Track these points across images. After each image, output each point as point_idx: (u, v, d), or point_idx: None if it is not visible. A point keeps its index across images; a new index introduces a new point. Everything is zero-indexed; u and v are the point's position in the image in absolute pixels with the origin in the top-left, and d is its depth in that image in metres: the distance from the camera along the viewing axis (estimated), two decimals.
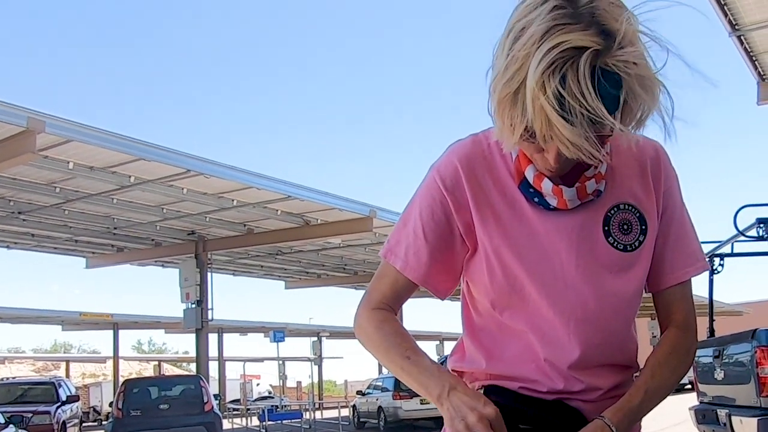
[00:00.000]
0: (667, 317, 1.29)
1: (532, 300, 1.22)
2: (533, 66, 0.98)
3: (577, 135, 1.00)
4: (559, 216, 1.20)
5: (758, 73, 8.49)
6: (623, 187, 1.24)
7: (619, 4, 1.01)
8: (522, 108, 1.01)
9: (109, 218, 15.08)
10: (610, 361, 1.25)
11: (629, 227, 1.23)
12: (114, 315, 27.83)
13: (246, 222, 15.78)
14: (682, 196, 1.29)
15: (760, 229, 6.79)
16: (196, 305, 16.80)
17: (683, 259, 1.27)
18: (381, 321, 1.27)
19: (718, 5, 6.94)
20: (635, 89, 1.01)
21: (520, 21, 1.01)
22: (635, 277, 1.24)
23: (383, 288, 1.30)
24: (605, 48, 0.98)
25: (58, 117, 10.02)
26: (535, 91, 0.98)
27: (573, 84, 0.97)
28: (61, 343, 61.43)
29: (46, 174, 12.01)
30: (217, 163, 12.39)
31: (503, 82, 1.02)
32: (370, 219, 14.54)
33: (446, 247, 1.25)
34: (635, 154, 1.25)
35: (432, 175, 1.25)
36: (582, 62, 0.97)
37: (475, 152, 1.24)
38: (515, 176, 1.21)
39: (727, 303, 29.79)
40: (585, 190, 1.18)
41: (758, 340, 5.66)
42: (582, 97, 0.97)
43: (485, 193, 1.23)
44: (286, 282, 24.82)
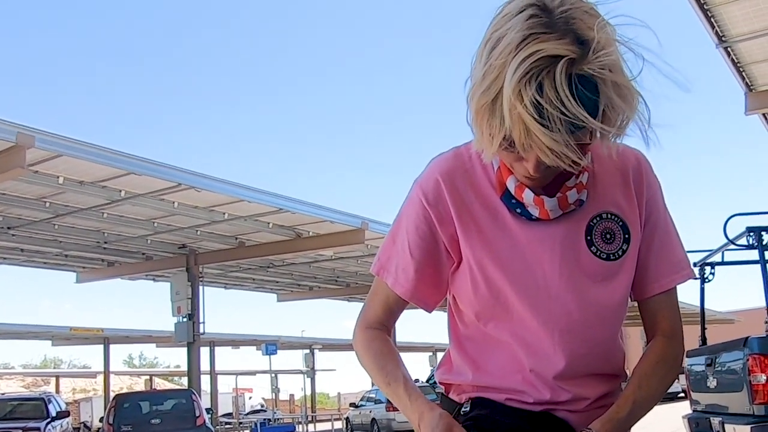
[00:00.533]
0: (653, 326, 1.29)
1: (516, 311, 1.22)
2: (509, 75, 0.99)
3: (556, 142, 1.00)
4: (542, 226, 1.21)
5: (746, 83, 8.59)
6: (605, 196, 1.24)
7: (594, 13, 1.02)
8: (500, 117, 1.02)
9: (100, 232, 15.01)
10: (596, 370, 1.25)
11: (612, 236, 1.23)
12: (105, 329, 27.65)
13: (237, 235, 15.74)
14: (665, 204, 1.30)
15: (750, 238, 6.82)
16: (188, 319, 16.70)
17: (668, 268, 1.27)
18: (370, 341, 1.31)
19: (705, 17, 7.02)
20: (612, 97, 1.01)
21: (497, 31, 1.02)
22: (619, 286, 1.24)
23: (376, 306, 1.33)
24: (580, 56, 0.98)
25: (48, 132, 9.98)
26: (512, 100, 0.99)
27: (550, 91, 0.98)
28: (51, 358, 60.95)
29: (35, 189, 11.95)
30: (208, 176, 12.37)
31: (480, 92, 1.03)
32: (362, 231, 14.53)
33: (432, 261, 1.26)
34: (617, 164, 1.26)
35: (415, 190, 1.27)
36: (558, 70, 0.97)
37: (456, 166, 1.25)
38: (497, 188, 1.22)
39: (719, 311, 29.89)
40: (566, 200, 1.19)
41: (750, 347, 5.67)
42: (560, 103, 0.98)
43: (467, 205, 1.23)
44: (278, 295, 24.73)
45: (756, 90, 8.72)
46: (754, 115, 9.26)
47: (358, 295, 24.33)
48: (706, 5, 6.92)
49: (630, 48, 1.04)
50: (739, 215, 7.12)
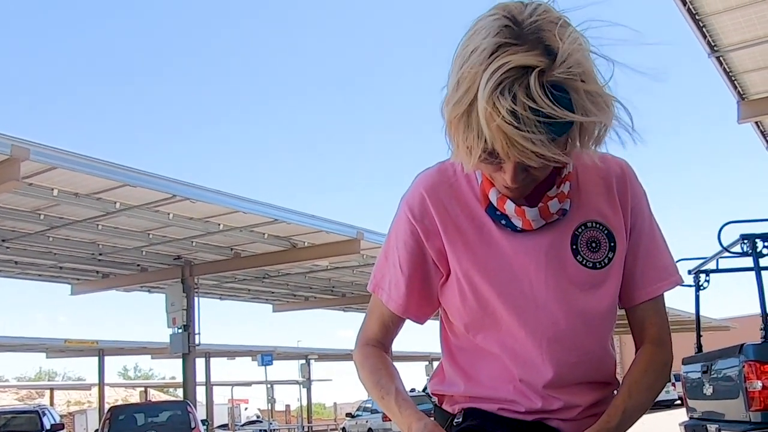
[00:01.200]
0: (641, 333, 1.30)
1: (504, 321, 1.23)
2: (482, 87, 1.00)
3: (539, 145, 1.01)
4: (527, 237, 1.22)
5: (738, 92, 8.65)
6: (590, 205, 1.25)
7: (563, 23, 1.03)
8: (477, 129, 1.02)
9: (94, 244, 14.97)
10: (586, 378, 1.26)
11: (597, 245, 1.24)
12: (99, 341, 27.52)
13: (233, 246, 15.71)
14: (651, 211, 1.31)
15: (745, 245, 6.83)
16: (183, 330, 16.64)
17: (655, 275, 1.28)
18: (365, 358, 1.34)
19: (696, 27, 7.08)
20: (586, 106, 1.02)
21: (468, 44, 1.04)
22: (606, 294, 1.25)
23: (372, 324, 1.36)
24: (548, 66, 0.99)
25: (43, 144, 9.97)
26: (488, 111, 1.00)
27: (526, 100, 0.98)
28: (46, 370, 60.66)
29: (30, 201, 11.93)
30: (203, 187, 12.36)
31: (453, 103, 1.04)
32: (358, 241, 14.52)
33: (422, 275, 1.29)
34: (601, 173, 1.27)
35: (402, 207, 1.29)
36: (531, 80, 0.99)
37: (440, 180, 1.27)
38: (482, 200, 1.23)
39: (714, 318, 29.97)
40: (548, 210, 1.19)
41: (746, 354, 5.68)
42: (537, 108, 0.99)
43: (453, 219, 1.25)
44: (273, 305, 24.67)
45: (748, 99, 8.78)
46: (746, 124, 9.32)
47: (353, 305, 24.30)
48: (697, 15, 6.98)
49: (599, 54, 1.05)
50: (733, 223, 7.13)
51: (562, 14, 1.04)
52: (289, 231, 14.43)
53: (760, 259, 6.51)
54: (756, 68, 8.16)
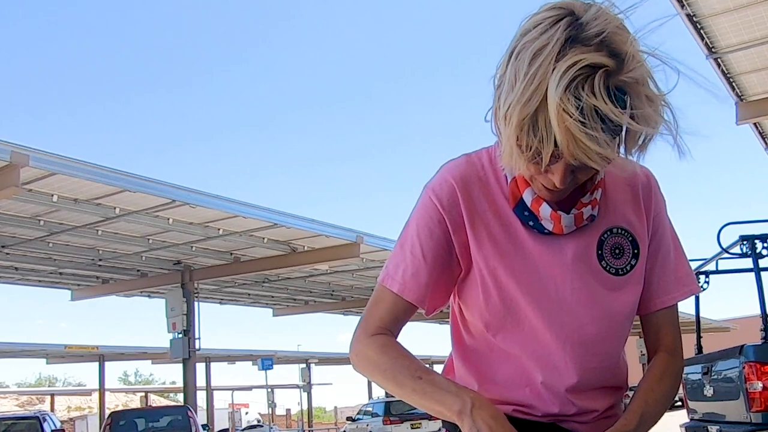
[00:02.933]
0: (655, 341, 1.30)
1: (528, 322, 1.21)
2: (553, 85, 0.99)
3: (604, 146, 1.00)
4: (554, 240, 1.21)
5: (736, 93, 8.66)
6: (617, 212, 1.25)
7: (625, 27, 1.03)
8: (545, 128, 1.01)
9: (94, 250, 14.97)
10: (605, 383, 1.26)
11: (621, 251, 1.24)
12: (100, 347, 27.52)
13: (232, 251, 15.71)
14: (670, 221, 1.32)
15: (744, 246, 6.84)
16: (183, 335, 16.63)
17: (673, 283, 1.28)
18: (383, 345, 1.23)
19: (694, 29, 7.10)
20: (645, 111, 1.02)
21: (533, 41, 1.02)
22: (628, 300, 1.25)
23: (380, 313, 1.25)
24: (615, 68, 1.00)
25: (42, 150, 9.98)
26: (560, 111, 0.99)
27: (591, 99, 0.98)
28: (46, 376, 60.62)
29: (30, 207, 11.93)
30: (203, 192, 12.37)
31: (521, 105, 1.01)
32: (357, 245, 14.52)
33: (444, 266, 1.24)
34: (628, 180, 1.27)
35: (427, 194, 1.24)
36: (597, 79, 0.98)
37: (470, 172, 1.24)
38: (510, 199, 1.21)
39: (714, 319, 29.98)
40: (582, 217, 1.19)
41: (746, 355, 5.68)
42: (601, 111, 0.98)
43: (480, 213, 1.22)
44: (273, 309, 24.66)
45: (746, 100, 8.79)
46: (745, 125, 9.34)
47: (354, 309, 24.28)
48: (695, 17, 7.00)
49: (664, 61, 1.05)
50: (733, 224, 7.14)
51: (621, 19, 1.05)
52: (288, 235, 14.43)
53: (759, 260, 6.52)
54: (754, 69, 8.18)
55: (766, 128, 10.02)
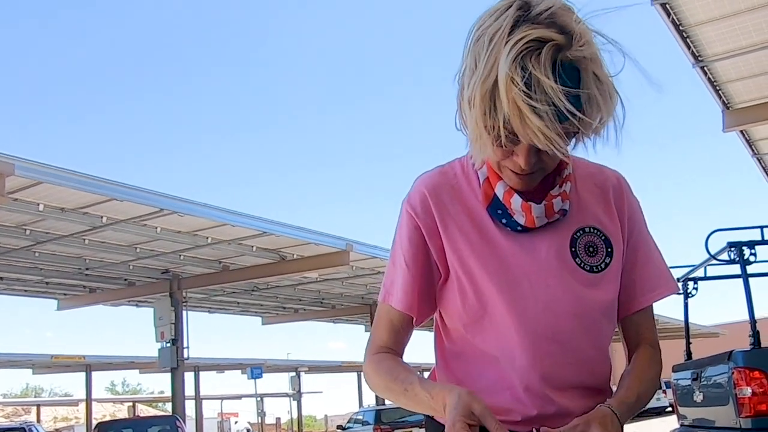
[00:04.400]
0: (637, 337, 1.33)
1: (503, 320, 1.23)
2: (503, 58, 1.05)
3: (546, 125, 1.05)
4: (527, 238, 1.24)
5: (722, 101, 8.74)
6: (587, 211, 1.29)
7: (572, 8, 1.10)
8: (498, 104, 1.06)
9: (81, 259, 14.87)
10: (582, 383, 1.26)
11: (595, 249, 1.26)
12: (87, 356, 27.31)
13: (221, 259, 15.66)
14: (645, 222, 1.34)
15: (732, 253, 6.88)
16: (172, 344, 16.54)
17: (653, 282, 1.31)
18: (378, 362, 1.29)
19: (680, 38, 7.16)
20: (592, 89, 1.07)
21: (489, 27, 1.09)
22: (604, 297, 1.26)
23: (380, 332, 1.32)
24: (564, 43, 1.05)
25: (28, 159, 9.91)
26: (507, 82, 1.04)
27: (536, 71, 1.04)
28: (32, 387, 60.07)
29: (15, 217, 11.84)
30: (191, 201, 12.32)
31: (480, 81, 1.07)
32: (347, 253, 14.50)
33: (425, 271, 1.28)
34: (598, 183, 1.31)
35: (404, 207, 1.30)
36: (544, 52, 1.04)
37: (441, 181, 1.29)
38: (484, 199, 1.25)
39: (704, 325, 30.15)
40: (552, 208, 1.23)
41: (735, 361, 5.72)
42: (546, 86, 1.03)
43: (453, 217, 1.26)
44: (262, 318, 24.59)
45: (733, 108, 8.88)
46: (732, 133, 9.42)
47: (343, 317, 24.26)
48: (681, 26, 7.06)
49: (609, 40, 1.11)
50: (720, 231, 7.19)
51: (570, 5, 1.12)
52: (277, 243, 14.39)
53: (747, 266, 6.56)
54: (740, 78, 8.26)
55: (752, 135, 10.11)
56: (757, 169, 11.25)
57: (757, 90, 8.53)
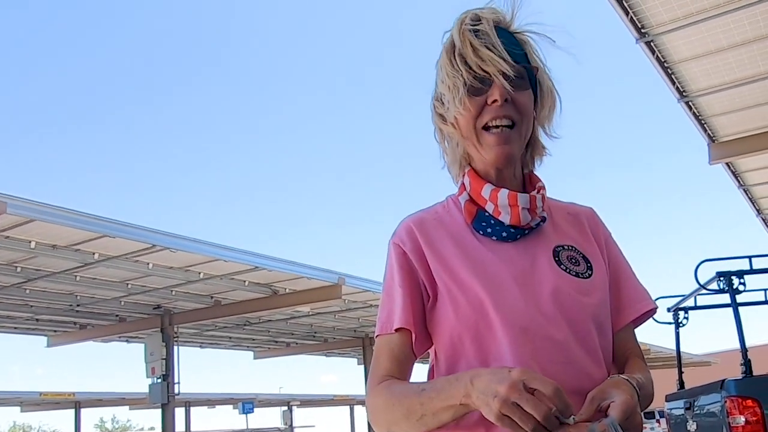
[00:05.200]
0: (625, 352, 1.36)
1: (495, 322, 1.24)
2: (456, 25, 1.30)
3: (497, 55, 1.25)
4: (511, 248, 1.31)
5: (708, 134, 8.89)
6: (564, 233, 1.37)
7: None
8: (458, 57, 1.28)
9: (72, 295, 14.78)
10: (580, 388, 1.22)
11: (577, 261, 1.33)
12: (76, 393, 26.93)
13: (213, 294, 15.59)
14: (620, 249, 1.43)
15: (721, 282, 6.96)
16: (162, 379, 16.38)
17: (635, 299, 1.38)
18: (387, 385, 1.26)
19: (665, 74, 7.32)
20: (539, 65, 1.31)
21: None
22: (590, 302, 1.29)
23: (382, 362, 1.30)
24: (507, 21, 1.32)
25: (20, 197, 9.91)
26: (460, 27, 1.29)
27: (483, 20, 1.29)
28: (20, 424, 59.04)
29: (6, 254, 11.79)
30: (183, 237, 12.30)
31: (443, 51, 1.31)
32: (339, 286, 14.48)
33: (418, 292, 1.31)
34: (571, 212, 1.42)
35: (391, 243, 1.37)
36: (487, 17, 1.29)
37: (424, 215, 1.39)
38: (467, 217, 1.33)
39: (695, 354, 30.12)
40: (535, 202, 1.31)
41: (727, 390, 5.76)
42: (491, 33, 1.27)
43: (439, 240, 1.33)
44: (254, 352, 24.39)
45: (718, 141, 9.02)
46: (718, 165, 9.56)
47: (336, 350, 24.10)
48: (666, 63, 7.21)
49: (539, 33, 1.33)
50: (709, 261, 7.28)
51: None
52: (270, 278, 14.36)
53: (736, 295, 6.63)
54: (724, 112, 8.40)
55: (738, 167, 10.25)
56: (744, 200, 11.39)
57: (741, 123, 8.68)
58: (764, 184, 10.87)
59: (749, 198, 11.39)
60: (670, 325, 8.84)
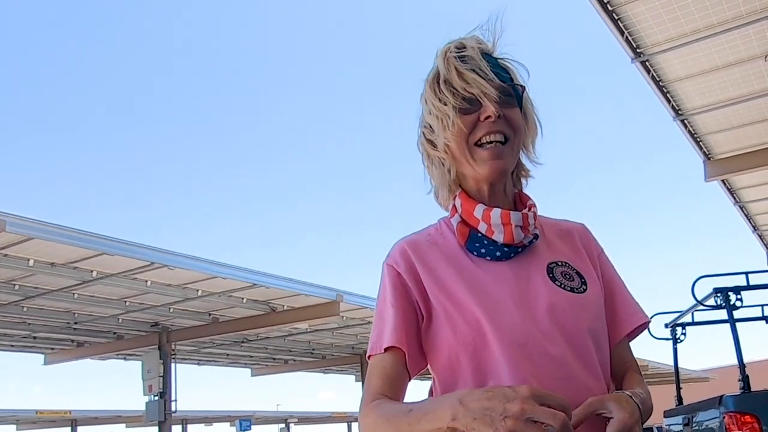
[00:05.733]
0: (623, 367, 1.38)
1: (493, 339, 1.24)
2: (440, 53, 1.35)
3: (482, 77, 1.29)
4: (505, 266, 1.32)
5: (703, 152, 8.96)
6: (557, 250, 1.38)
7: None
8: (445, 84, 1.31)
9: (70, 313, 14.75)
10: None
11: (571, 276, 1.34)
12: (72, 411, 26.77)
13: (211, 311, 15.57)
14: (612, 264, 1.44)
15: (718, 299, 7.00)
16: (159, 397, 16.32)
17: (629, 312, 1.40)
18: (376, 405, 1.26)
19: (661, 93, 7.39)
20: (516, 76, 1.35)
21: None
22: (586, 316, 1.29)
23: (374, 381, 1.30)
24: (489, 48, 1.36)
25: (19, 216, 9.93)
26: (446, 54, 1.33)
27: (466, 52, 1.32)
28: None
29: (5, 272, 11.78)
30: (181, 254, 12.30)
31: (428, 79, 1.36)
32: (337, 303, 14.47)
33: (411, 312, 1.32)
34: (563, 228, 1.44)
35: (385, 265, 1.38)
36: (472, 44, 1.34)
37: (417, 238, 1.40)
38: (460, 239, 1.34)
39: (693, 370, 30.04)
40: (527, 221, 1.32)
41: (726, 405, 5.78)
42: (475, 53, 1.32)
43: (433, 261, 1.34)
44: (252, 369, 24.30)
45: (714, 158, 9.09)
46: (713, 182, 9.63)
47: (334, 367, 24.02)
48: (661, 82, 7.29)
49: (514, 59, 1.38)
50: (706, 277, 7.31)
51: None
52: (268, 295, 14.35)
53: (733, 311, 6.67)
54: (719, 130, 8.47)
55: (734, 184, 10.32)
56: (740, 216, 11.45)
57: (736, 141, 8.75)
58: (759, 200, 10.93)
59: (745, 214, 11.45)
60: (668, 340, 8.87)
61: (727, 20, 6.28)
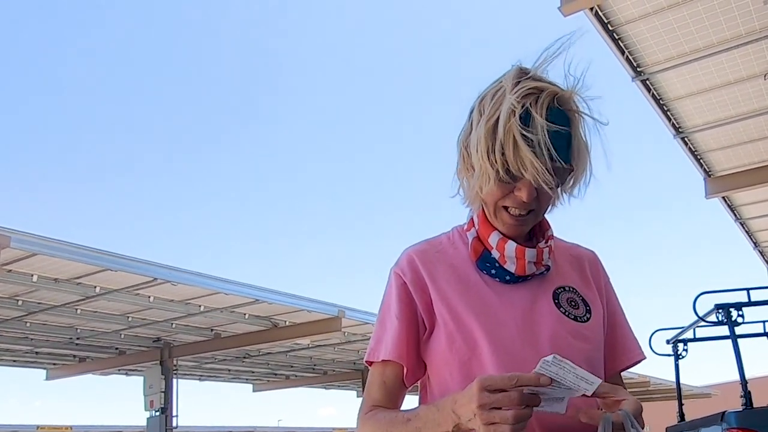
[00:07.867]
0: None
1: (489, 361, 1.25)
2: (507, 98, 1.21)
3: (536, 158, 1.19)
4: (513, 289, 1.32)
5: (704, 170, 9.02)
6: (565, 275, 1.39)
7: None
8: (498, 140, 1.20)
9: (72, 328, 14.77)
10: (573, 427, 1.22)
11: (576, 304, 1.35)
12: (73, 426, 26.69)
13: (213, 327, 15.58)
14: (617, 296, 1.46)
15: (719, 314, 7.01)
16: (161, 413, 16.29)
17: (627, 347, 1.41)
18: (373, 415, 1.30)
19: (661, 111, 7.47)
20: (579, 140, 1.25)
21: (493, 86, 1.26)
22: (587, 347, 1.31)
23: (372, 392, 1.34)
24: (562, 92, 1.23)
25: (24, 232, 9.99)
26: (508, 113, 1.19)
27: (533, 111, 1.19)
28: None
29: (8, 288, 11.83)
30: (184, 270, 12.35)
31: (485, 120, 1.22)
32: (339, 319, 14.47)
33: (414, 325, 1.33)
34: (574, 254, 1.44)
35: (392, 272, 1.38)
36: (543, 96, 1.20)
37: (427, 247, 1.39)
38: (472, 255, 1.34)
39: (695, 386, 29.92)
40: (542, 255, 1.32)
41: (728, 422, 5.77)
42: (538, 123, 1.19)
43: (440, 273, 1.34)
44: (253, 385, 24.26)
45: (714, 175, 9.15)
46: (714, 199, 9.68)
47: (335, 383, 23.97)
48: (661, 100, 7.36)
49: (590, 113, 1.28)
50: (707, 293, 7.32)
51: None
52: (270, 311, 14.37)
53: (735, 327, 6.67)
54: (719, 147, 8.52)
55: (734, 201, 10.36)
56: (741, 233, 11.48)
57: (736, 158, 8.79)
58: (760, 217, 10.97)
59: (746, 231, 11.48)
60: (670, 357, 8.86)
61: (726, 40, 6.36)
